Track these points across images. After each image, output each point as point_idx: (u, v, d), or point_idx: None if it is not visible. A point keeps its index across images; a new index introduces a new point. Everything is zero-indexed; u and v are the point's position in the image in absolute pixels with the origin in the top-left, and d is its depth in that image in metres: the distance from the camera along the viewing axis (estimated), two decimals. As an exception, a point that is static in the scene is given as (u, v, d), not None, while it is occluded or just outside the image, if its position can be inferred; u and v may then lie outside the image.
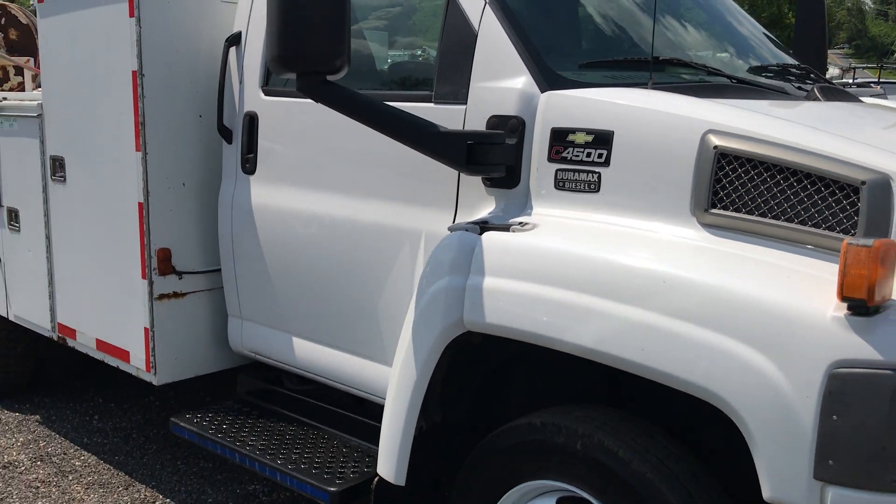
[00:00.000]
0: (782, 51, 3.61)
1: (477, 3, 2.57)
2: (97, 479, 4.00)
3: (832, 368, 1.73)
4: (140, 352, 3.57)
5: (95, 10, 3.54)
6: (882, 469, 1.71)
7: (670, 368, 1.94)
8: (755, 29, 3.68)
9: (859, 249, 1.68)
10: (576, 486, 2.24)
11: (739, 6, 4.08)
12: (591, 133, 2.29)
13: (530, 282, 2.20)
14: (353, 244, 2.90)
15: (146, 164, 3.38)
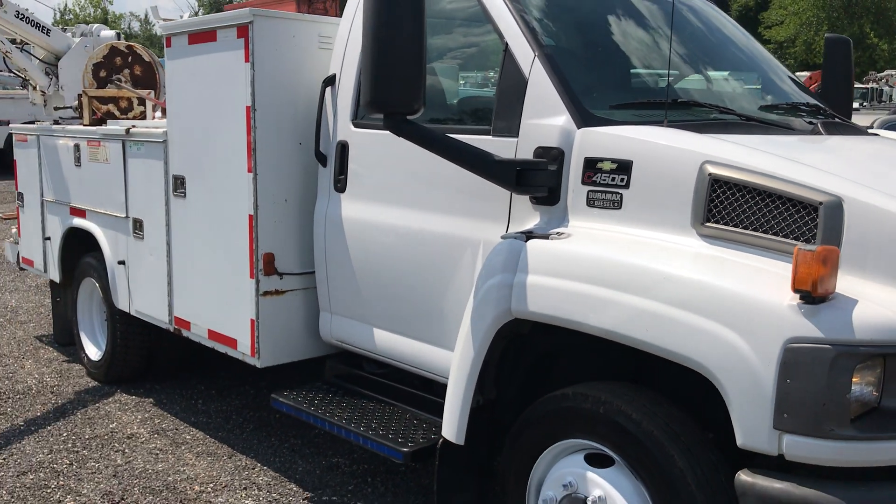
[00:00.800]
0: (803, 90, 4.11)
1: (528, 55, 3.19)
2: (205, 450, 4.71)
3: (787, 344, 2.27)
4: (246, 340, 4.26)
5: (216, 55, 4.28)
6: (823, 420, 2.24)
7: (668, 345, 2.51)
8: (780, 71, 4.19)
9: (806, 253, 2.23)
10: (599, 443, 2.81)
11: (819, 25, 4.55)
12: (615, 162, 2.88)
13: (564, 279, 2.79)
14: (424, 251, 3.53)
15: (256, 183, 4.09)
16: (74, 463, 4.53)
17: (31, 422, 5.14)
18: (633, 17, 3.59)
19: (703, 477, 2.53)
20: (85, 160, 5.62)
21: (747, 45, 4.29)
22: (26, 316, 7.64)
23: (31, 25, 6.35)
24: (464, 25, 3.70)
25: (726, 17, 4.46)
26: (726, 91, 3.76)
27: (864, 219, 2.42)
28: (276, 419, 5.11)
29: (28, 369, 6.14)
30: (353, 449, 4.65)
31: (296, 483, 4.28)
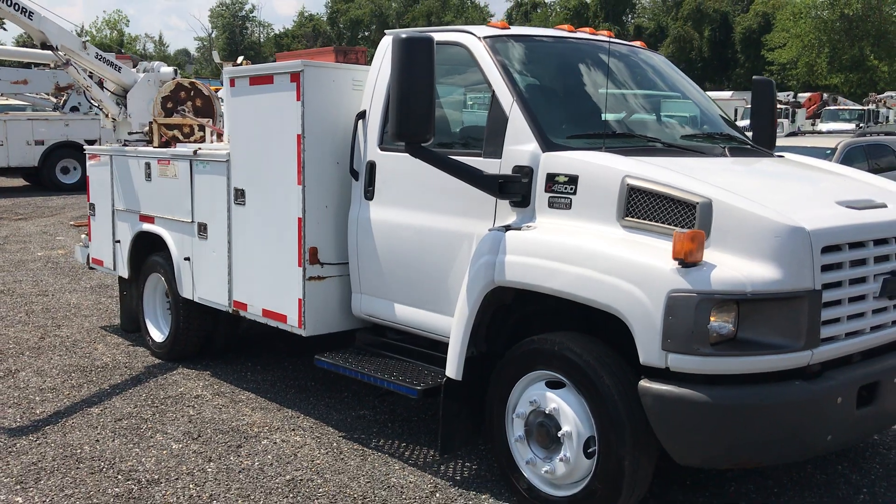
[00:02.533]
0: (729, 124, 5.35)
1: (508, 100, 4.43)
2: (258, 405, 5.92)
3: (669, 294, 3.49)
4: (294, 315, 5.49)
5: (273, 94, 5.53)
6: (691, 343, 3.46)
7: (597, 297, 3.73)
8: (713, 110, 5.42)
9: (680, 234, 3.46)
10: (555, 372, 4.03)
11: (821, 48, 5.60)
12: (567, 176, 4.11)
13: (530, 256, 4.02)
14: (432, 242, 4.76)
15: (304, 192, 5.33)
16: (157, 413, 5.75)
17: (114, 387, 6.36)
18: (589, 69, 4.83)
19: (620, 387, 3.75)
20: (155, 175, 6.87)
21: (690, 89, 5.52)
22: (88, 311, 8.86)
23: (106, 64, 7.63)
24: (465, 75, 4.95)
25: (675, 69, 5.69)
26: (661, 125, 5.00)
27: (725, 213, 3.64)
28: (313, 385, 6.33)
29: (101, 351, 7.37)
30: (376, 404, 5.87)
31: (332, 427, 5.49)
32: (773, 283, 3.49)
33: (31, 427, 5.50)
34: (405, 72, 4.15)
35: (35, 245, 13.09)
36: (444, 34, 4.90)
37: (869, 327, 3.93)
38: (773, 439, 3.60)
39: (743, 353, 3.52)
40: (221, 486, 4.59)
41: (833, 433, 3.74)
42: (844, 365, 3.87)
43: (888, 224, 4.03)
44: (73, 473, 4.76)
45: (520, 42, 4.84)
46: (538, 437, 4.13)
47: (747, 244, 3.58)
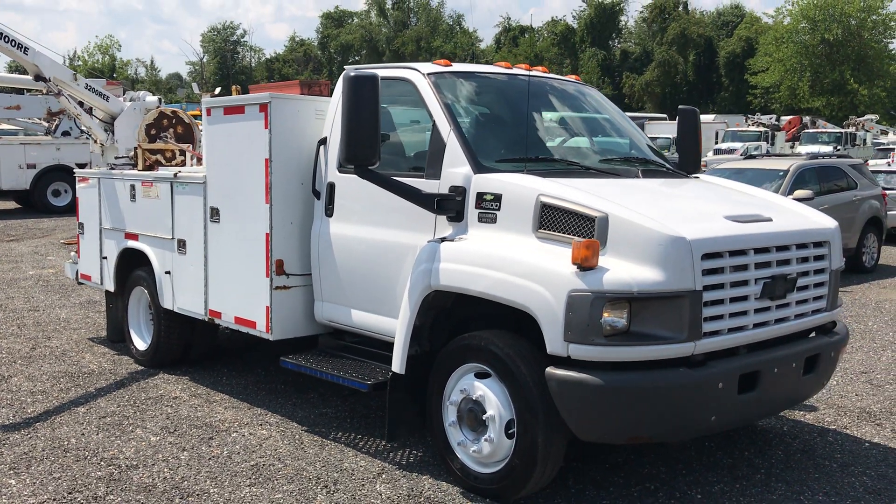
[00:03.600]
0: (654, 151, 5.99)
1: (447, 129, 5.06)
2: (231, 405, 6.50)
3: (569, 293, 4.11)
4: (263, 321, 6.09)
5: (244, 123, 6.16)
6: (587, 335, 4.07)
7: (513, 297, 4.35)
8: (640, 136, 6.07)
9: (577, 242, 4.09)
10: (482, 364, 4.63)
11: (802, 72, 6.05)
12: (493, 195, 4.74)
13: (460, 264, 4.65)
14: (382, 253, 5.37)
15: (271, 210, 5.95)
16: (138, 411, 6.32)
17: (99, 390, 6.93)
18: (519, 101, 5.46)
19: (534, 375, 4.35)
20: (139, 196, 7.48)
21: (618, 118, 6.18)
22: (77, 324, 9.42)
23: (95, 94, 8.26)
24: (411, 106, 5.59)
25: (607, 100, 6.35)
26: (586, 149, 5.66)
27: (619, 226, 4.27)
28: (282, 388, 6.91)
29: (88, 359, 7.93)
30: (339, 403, 6.45)
31: (296, 422, 6.07)
32: (657, 284, 4.12)
33: (22, 424, 6.06)
34: (353, 104, 4.79)
35: (27, 264, 13.64)
36: (393, 70, 5.56)
37: (751, 324, 4.55)
38: (660, 418, 4.22)
39: (633, 344, 4.14)
40: (192, 470, 5.17)
41: (716, 414, 4.35)
42: (730, 356, 4.48)
43: (769, 235, 4.67)
44: (60, 461, 5.32)
45: (459, 78, 5.50)
46: (468, 422, 4.73)
47: (637, 251, 4.20)
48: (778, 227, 4.81)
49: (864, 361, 7.93)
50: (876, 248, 13.88)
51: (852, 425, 6.14)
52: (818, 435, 5.93)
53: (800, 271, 4.83)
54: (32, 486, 4.93)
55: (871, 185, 14.16)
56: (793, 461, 5.41)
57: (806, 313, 4.94)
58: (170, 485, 4.95)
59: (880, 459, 5.48)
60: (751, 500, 4.80)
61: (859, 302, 10.98)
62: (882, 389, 7.04)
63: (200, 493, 4.83)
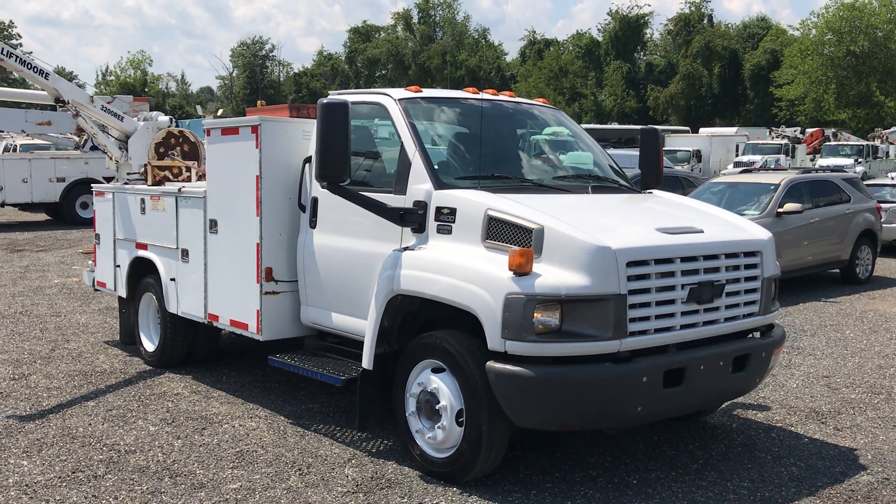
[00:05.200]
0: (615, 171, 6.49)
1: (412, 149, 5.63)
2: (226, 401, 7.09)
3: (506, 296, 4.65)
4: (254, 323, 6.68)
5: (238, 143, 6.78)
6: (521, 333, 4.60)
7: (460, 300, 4.90)
8: (601, 155, 6.60)
9: (514, 251, 4.64)
10: (438, 360, 5.18)
11: (828, 84, 6.38)
12: (449, 209, 5.30)
13: (418, 270, 5.21)
14: (357, 261, 5.94)
15: (261, 223, 6.55)
16: (141, 405, 6.94)
17: (109, 386, 7.56)
18: (481, 124, 6.01)
19: (480, 369, 4.89)
20: (148, 209, 8.13)
21: (583, 138, 6.72)
22: (94, 328, 10.10)
23: (110, 115, 8.95)
24: (383, 128, 6.17)
25: (572, 121, 6.89)
26: (542, 167, 6.20)
27: (553, 236, 4.80)
28: (276, 386, 7.50)
29: (101, 360, 8.58)
30: (325, 399, 7.02)
31: (283, 416, 6.65)
32: (584, 288, 4.65)
33: (37, 415, 6.70)
34: (326, 128, 5.38)
35: (52, 273, 14.42)
36: (368, 95, 6.16)
37: (678, 325, 5.05)
38: (588, 408, 4.74)
39: (563, 341, 4.66)
40: (183, 455, 5.77)
41: (642, 405, 4.86)
42: (659, 353, 4.99)
43: (696, 245, 5.17)
44: (68, 446, 5.95)
45: (427, 103, 6.08)
46: (425, 411, 5.28)
47: (568, 259, 4.73)
48: (707, 237, 5.31)
49: (829, 367, 8.35)
50: (870, 261, 14.21)
51: (798, 423, 6.59)
52: (763, 431, 6.38)
53: (729, 278, 5.32)
54: (41, 467, 5.56)
55: (866, 198, 14.50)
56: (731, 454, 5.88)
57: (737, 317, 5.42)
58: (161, 466, 5.55)
59: (813, 452, 5.93)
60: (682, 486, 5.28)
61: (844, 312, 11.35)
62: (837, 392, 7.47)
63: (187, 474, 5.42)
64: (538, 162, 6.36)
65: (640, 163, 6.90)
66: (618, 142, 35.78)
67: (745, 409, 6.90)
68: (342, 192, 5.58)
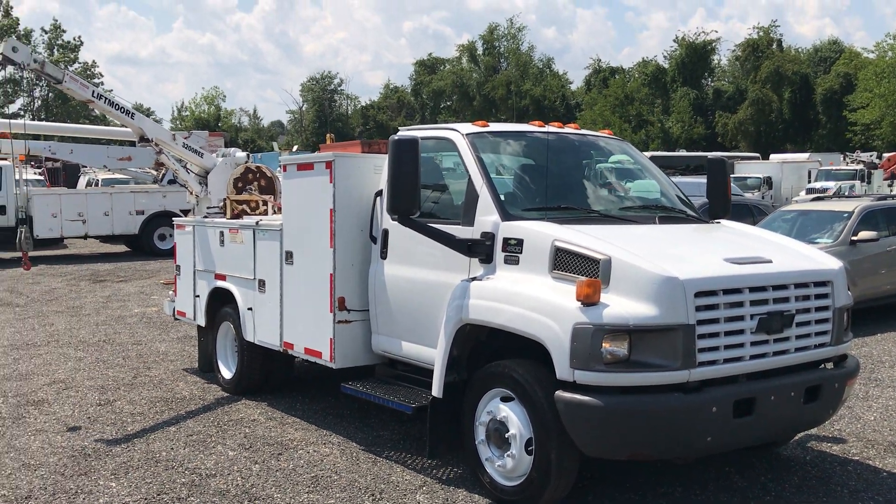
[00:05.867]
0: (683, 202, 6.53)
1: (480, 182, 5.78)
2: (301, 427, 7.30)
3: (574, 326, 4.74)
4: (327, 351, 6.89)
5: (313, 178, 7.04)
6: (589, 363, 4.68)
7: (528, 329, 5.01)
8: (669, 186, 6.65)
9: (581, 281, 4.73)
10: (506, 388, 5.28)
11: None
12: (515, 240, 5.43)
13: (486, 300, 5.33)
14: (426, 291, 6.10)
15: (335, 254, 6.78)
16: (220, 431, 7.20)
17: (189, 413, 7.85)
18: (546, 156, 6.13)
19: (547, 398, 4.97)
20: (227, 242, 8.46)
21: (650, 169, 6.79)
22: (174, 356, 10.48)
23: (191, 151, 9.37)
24: (452, 162, 6.35)
25: (639, 153, 6.97)
26: (609, 198, 6.28)
27: (621, 267, 4.88)
28: (348, 413, 7.68)
29: (181, 387, 8.91)
30: (396, 427, 7.17)
31: (356, 442, 6.82)
32: (652, 319, 4.70)
33: (123, 439, 7.01)
34: (397, 163, 5.58)
35: (133, 303, 14.99)
36: (437, 131, 6.36)
37: (748, 356, 5.05)
38: (657, 437, 4.76)
39: (631, 371, 4.72)
40: (261, 479, 5.97)
41: (712, 435, 4.87)
42: (728, 383, 4.99)
43: (765, 276, 5.18)
44: (152, 469, 6.21)
45: (494, 137, 6.24)
46: (494, 440, 5.38)
47: (636, 289, 4.80)
48: (776, 268, 5.30)
49: (908, 399, 8.14)
50: (951, 289, 13.74)
51: (877, 457, 6.45)
52: (839, 464, 6.28)
53: (799, 308, 5.30)
54: (129, 489, 5.82)
55: (946, 224, 14.05)
56: (806, 486, 5.80)
57: (808, 347, 5.39)
58: (241, 490, 5.76)
59: (892, 487, 5.81)
60: (754, 517, 5.25)
61: (924, 342, 11.02)
62: (917, 424, 7.28)
63: (266, 498, 5.62)
64: (604, 192, 6.46)
65: (707, 192, 6.92)
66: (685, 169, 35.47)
67: (820, 441, 6.79)
68: (412, 225, 5.76)
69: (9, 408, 8.00)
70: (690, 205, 6.61)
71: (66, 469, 6.25)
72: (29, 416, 7.73)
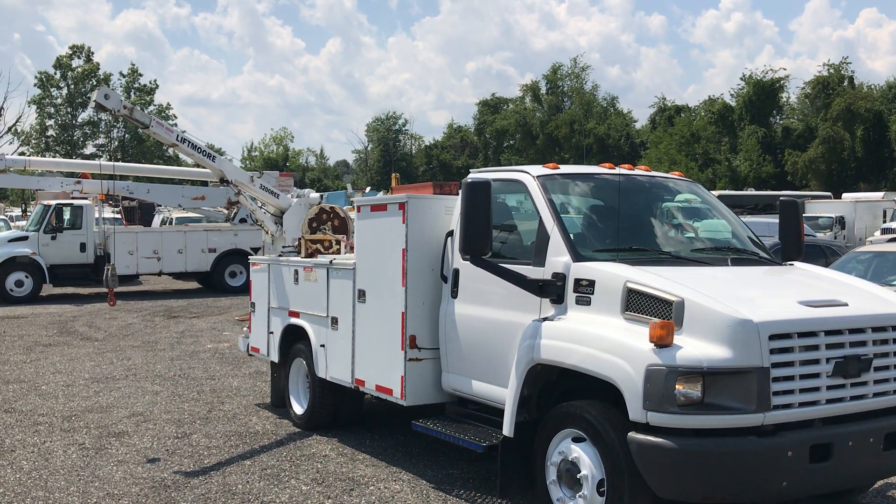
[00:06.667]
0: (754, 242, 6.52)
1: (551, 224, 5.88)
2: (371, 463, 7.41)
3: (647, 367, 4.77)
4: (398, 389, 7.01)
5: (386, 218, 7.24)
6: (663, 404, 4.69)
7: (600, 370, 5.05)
8: (740, 227, 6.65)
9: (654, 323, 4.77)
10: (578, 429, 5.32)
11: None
12: (588, 281, 5.49)
13: (558, 340, 5.40)
14: (496, 330, 6.19)
15: (406, 293, 6.93)
16: (293, 465, 7.36)
17: (263, 447, 8.04)
18: (617, 198, 6.21)
19: (620, 439, 4.99)
20: (301, 280, 8.70)
21: (721, 210, 6.80)
22: (246, 392, 10.73)
23: (268, 193, 9.70)
24: (523, 204, 6.46)
25: (709, 193, 6.99)
26: (680, 239, 6.30)
27: (694, 309, 4.90)
28: (417, 451, 7.77)
29: (254, 421, 9.12)
30: (465, 465, 7.23)
31: (426, 480, 6.90)
32: (726, 361, 4.70)
33: (200, 472, 7.22)
34: (469, 205, 5.72)
35: (206, 339, 15.39)
36: (508, 173, 6.50)
37: (824, 399, 4.99)
38: (731, 481, 4.73)
39: (705, 413, 4.71)
40: (334, 513, 6.09)
41: (787, 480, 4.81)
42: (804, 427, 4.94)
43: (841, 319, 5.13)
44: (229, 501, 6.39)
45: (564, 179, 6.34)
46: (566, 480, 5.40)
47: (710, 331, 4.81)
48: (852, 311, 5.25)
49: None
50: None
51: (961, 507, 6.26)
52: (921, 514, 6.10)
53: (877, 352, 5.22)
54: (207, 520, 6.00)
55: None
56: (887, 535, 5.66)
57: (887, 392, 5.29)
58: (315, 524, 5.88)
59: (978, 538, 5.62)
60: (833, 566, 5.14)
61: None
62: None
63: (339, 532, 5.73)
64: (674, 233, 6.48)
65: (779, 234, 6.87)
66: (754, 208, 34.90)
67: (900, 489, 6.61)
68: (484, 265, 5.88)
69: (91, 439, 8.30)
70: (762, 246, 6.59)
71: (148, 499, 6.47)
72: (111, 447, 8.02)
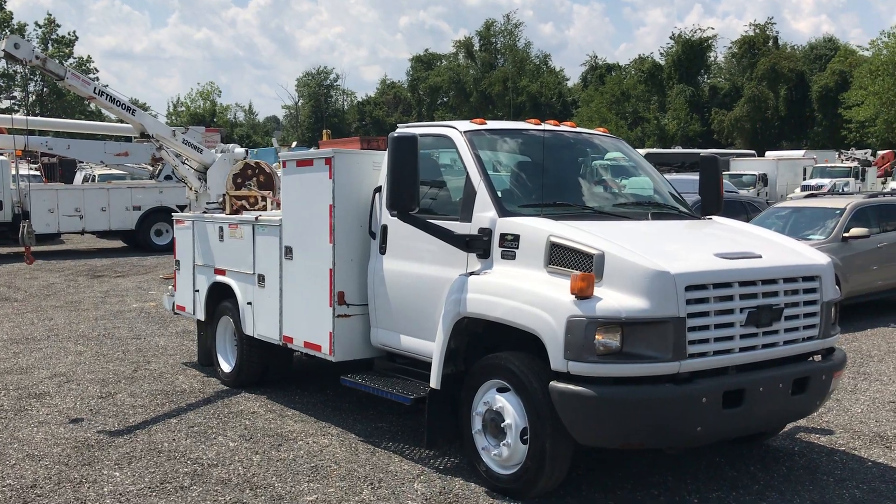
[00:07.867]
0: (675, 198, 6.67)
1: (477, 179, 5.91)
2: (300, 419, 7.43)
3: (568, 318, 4.87)
4: (327, 345, 7.01)
5: (312, 174, 7.16)
6: (583, 354, 4.82)
7: (524, 322, 5.14)
8: (662, 184, 6.78)
9: (575, 275, 4.86)
10: (502, 380, 5.42)
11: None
12: (512, 235, 5.56)
13: (483, 294, 5.47)
14: (424, 285, 6.22)
15: (334, 249, 6.90)
16: (220, 423, 7.32)
17: (190, 405, 7.97)
18: (542, 153, 6.25)
19: (543, 389, 5.11)
20: (226, 237, 8.57)
21: (642, 166, 6.92)
22: (173, 351, 10.59)
23: (191, 147, 9.48)
24: (450, 159, 6.47)
25: (633, 150, 7.11)
26: (603, 194, 6.42)
27: (613, 261, 5.02)
28: (346, 406, 7.81)
29: (181, 380, 9.02)
30: (393, 419, 7.31)
31: (354, 433, 6.95)
32: (643, 312, 4.84)
33: (125, 431, 7.13)
34: (396, 160, 5.70)
35: (131, 298, 15.09)
36: (435, 128, 6.49)
37: (737, 348, 5.19)
38: (648, 426, 4.90)
39: (624, 362, 4.86)
40: (262, 469, 6.10)
41: (702, 425, 5.01)
42: (718, 375, 5.13)
43: (754, 270, 5.32)
44: (155, 459, 6.34)
45: (491, 134, 6.37)
46: (490, 429, 5.51)
47: (628, 283, 4.94)
48: (765, 263, 5.45)
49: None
50: (943, 285, 13.91)
51: (862, 447, 6.61)
52: (826, 455, 6.43)
53: (787, 302, 5.44)
54: (133, 478, 5.95)
55: (937, 221, 14.23)
56: (793, 476, 5.95)
57: (796, 340, 5.53)
58: (242, 479, 5.89)
59: (877, 476, 5.96)
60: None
61: (913, 337, 11.19)
62: (904, 417, 7.44)
63: (266, 486, 5.75)
64: (599, 189, 6.59)
65: (700, 189, 7.05)
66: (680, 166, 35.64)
67: (808, 432, 6.94)
68: (412, 221, 5.89)
69: (10, 400, 8.11)
70: (683, 201, 6.75)
71: (70, 459, 6.37)
72: (31, 408, 7.85)
